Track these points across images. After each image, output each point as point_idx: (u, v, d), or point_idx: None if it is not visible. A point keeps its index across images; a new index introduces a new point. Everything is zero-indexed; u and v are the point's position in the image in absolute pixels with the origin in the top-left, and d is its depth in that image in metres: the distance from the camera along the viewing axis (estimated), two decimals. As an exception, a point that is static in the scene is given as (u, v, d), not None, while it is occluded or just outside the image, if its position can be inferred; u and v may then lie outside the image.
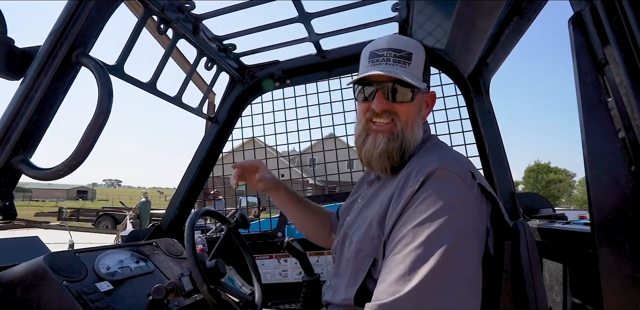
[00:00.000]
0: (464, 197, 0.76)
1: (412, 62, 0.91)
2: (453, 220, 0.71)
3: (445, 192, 0.75)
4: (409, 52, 0.91)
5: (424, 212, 0.73)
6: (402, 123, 0.91)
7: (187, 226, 1.07)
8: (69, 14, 0.98)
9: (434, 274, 0.67)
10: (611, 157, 0.69)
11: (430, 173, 0.77)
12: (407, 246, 0.70)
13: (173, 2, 1.30)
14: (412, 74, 0.91)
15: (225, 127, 1.89)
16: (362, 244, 0.85)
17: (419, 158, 0.88)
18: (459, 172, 0.78)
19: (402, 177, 0.84)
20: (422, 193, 0.76)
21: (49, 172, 1.00)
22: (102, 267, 1.29)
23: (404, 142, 0.90)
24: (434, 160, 0.81)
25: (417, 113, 0.94)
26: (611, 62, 0.71)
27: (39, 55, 0.99)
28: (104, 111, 0.98)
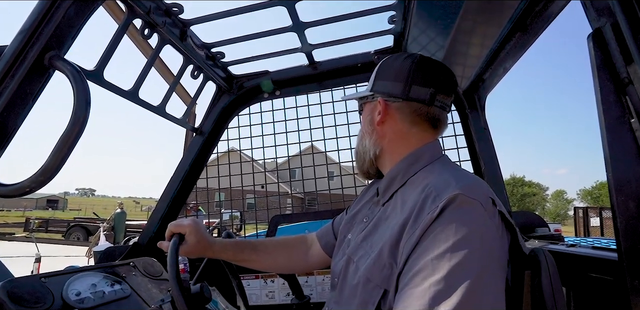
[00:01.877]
0: (486, 226, 0.70)
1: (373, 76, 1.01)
2: (476, 253, 0.65)
3: (466, 221, 0.69)
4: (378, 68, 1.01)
5: (445, 242, 0.66)
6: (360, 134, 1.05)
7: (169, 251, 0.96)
8: (42, 11, 0.89)
9: None
10: (638, 181, 0.65)
11: (450, 199, 0.71)
12: (426, 280, 0.64)
13: (160, 4, 1.21)
14: (367, 89, 1.02)
15: (210, 139, 1.79)
16: (371, 274, 0.78)
17: (435, 179, 0.81)
18: (480, 199, 0.72)
19: (417, 200, 0.77)
20: (442, 221, 0.69)
21: (13, 189, 0.89)
22: (71, 293, 1.16)
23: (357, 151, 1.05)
24: (452, 183, 0.75)
25: (364, 121, 1.02)
26: (635, 81, 0.67)
27: (5, 56, 0.88)
28: (80, 121, 0.88)
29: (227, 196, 2.22)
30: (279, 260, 1.18)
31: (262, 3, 1.30)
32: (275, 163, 2.23)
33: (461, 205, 0.70)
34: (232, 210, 2.39)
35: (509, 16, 1.14)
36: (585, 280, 1.06)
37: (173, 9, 1.24)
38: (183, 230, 1.06)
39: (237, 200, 2.23)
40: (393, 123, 0.96)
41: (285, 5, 1.30)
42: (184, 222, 1.08)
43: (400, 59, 0.97)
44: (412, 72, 0.93)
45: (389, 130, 0.96)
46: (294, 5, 1.31)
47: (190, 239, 1.05)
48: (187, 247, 1.05)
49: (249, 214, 2.52)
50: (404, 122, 0.96)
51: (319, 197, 2.31)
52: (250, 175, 2.12)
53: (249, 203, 2.59)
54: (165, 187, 1.78)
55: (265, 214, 2.03)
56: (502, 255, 0.72)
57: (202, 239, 1.07)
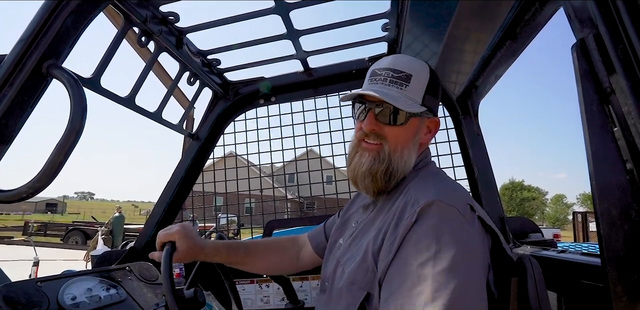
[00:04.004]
0: (464, 231, 0.71)
1: (410, 85, 0.87)
2: (457, 258, 0.66)
3: (444, 227, 0.70)
4: (408, 73, 0.87)
5: (426, 250, 0.68)
6: (391, 147, 0.88)
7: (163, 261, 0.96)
8: (40, 21, 0.91)
9: None
10: (620, 190, 0.66)
11: (427, 205, 0.72)
12: (414, 288, 0.65)
13: (156, 13, 1.23)
14: (408, 97, 0.87)
15: (206, 145, 1.81)
16: (354, 277, 0.80)
17: (416, 186, 0.83)
18: (457, 206, 0.73)
19: (398, 206, 0.79)
20: (420, 227, 0.71)
21: (9, 194, 0.90)
22: (67, 297, 1.17)
23: (391, 166, 0.87)
24: (431, 191, 0.77)
25: (410, 138, 0.90)
26: (617, 91, 0.68)
27: (4, 65, 0.90)
28: (76, 128, 0.90)
29: (224, 201, 2.23)
30: (271, 262, 1.17)
31: (257, 11, 1.32)
32: (271, 168, 2.25)
33: (438, 212, 0.72)
34: (228, 214, 2.40)
35: (499, 24, 1.16)
36: (575, 286, 1.07)
37: (169, 18, 1.26)
38: (173, 238, 1.02)
39: (234, 205, 2.24)
40: (428, 141, 0.97)
41: (280, 14, 1.33)
42: (172, 230, 1.04)
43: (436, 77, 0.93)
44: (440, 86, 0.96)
45: (422, 147, 0.96)
46: (288, 13, 1.33)
47: (181, 246, 1.02)
48: (179, 253, 1.02)
49: (246, 219, 2.53)
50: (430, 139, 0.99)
51: (317, 202, 2.32)
52: (248, 180, 2.13)
53: (247, 207, 2.60)
54: (161, 192, 1.79)
55: (263, 219, 2.05)
56: (482, 258, 0.73)
57: (193, 244, 1.04)
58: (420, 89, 0.89)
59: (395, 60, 0.90)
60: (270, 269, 1.22)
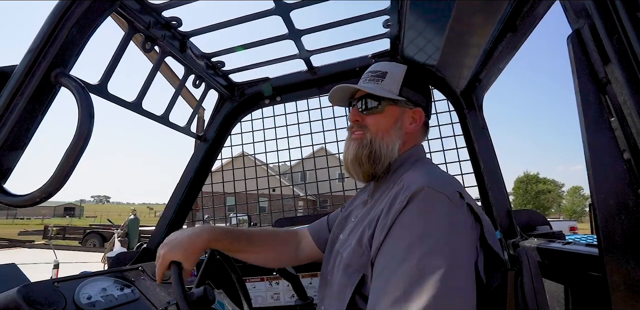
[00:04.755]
0: (452, 215, 0.74)
1: (386, 79, 1.02)
2: (443, 241, 0.70)
3: (432, 211, 0.74)
4: (384, 71, 1.03)
5: (414, 232, 0.72)
6: (372, 133, 0.99)
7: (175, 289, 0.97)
8: (47, 31, 0.94)
9: (432, 296, 0.65)
10: (617, 179, 0.66)
11: (417, 191, 0.76)
12: (400, 267, 0.69)
13: (159, 19, 1.26)
14: (384, 88, 1.01)
15: (214, 146, 1.84)
16: (350, 260, 0.85)
17: (408, 176, 0.87)
18: (446, 192, 0.77)
19: (392, 194, 0.84)
20: (409, 213, 0.75)
21: (23, 199, 0.94)
22: (82, 296, 1.21)
23: (373, 150, 0.96)
24: (422, 178, 0.81)
25: (390, 125, 1.00)
26: (613, 81, 0.68)
27: (15, 75, 0.94)
28: (84, 134, 0.93)
29: (235, 201, 2.26)
30: (271, 253, 1.17)
31: (258, 13, 1.34)
32: (278, 167, 2.27)
33: (427, 197, 0.75)
34: (240, 214, 2.43)
35: (499, 17, 1.15)
36: (581, 277, 1.07)
37: (172, 23, 1.29)
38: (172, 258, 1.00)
39: (244, 205, 2.27)
40: (416, 132, 1.04)
41: (280, 15, 1.34)
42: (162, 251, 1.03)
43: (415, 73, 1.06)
44: (426, 89, 1.06)
45: (411, 138, 1.03)
46: (288, 14, 1.34)
47: (186, 265, 1.01)
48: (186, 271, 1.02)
49: (256, 218, 2.56)
50: (421, 131, 1.07)
51: (330, 199, 2.33)
52: (258, 180, 2.16)
53: (260, 207, 2.63)
54: (171, 194, 1.82)
55: (272, 217, 2.07)
56: (471, 243, 0.75)
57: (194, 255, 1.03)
58: (395, 81, 1.01)
59: (375, 65, 1.08)
60: (269, 260, 1.20)
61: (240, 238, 1.13)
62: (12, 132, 0.94)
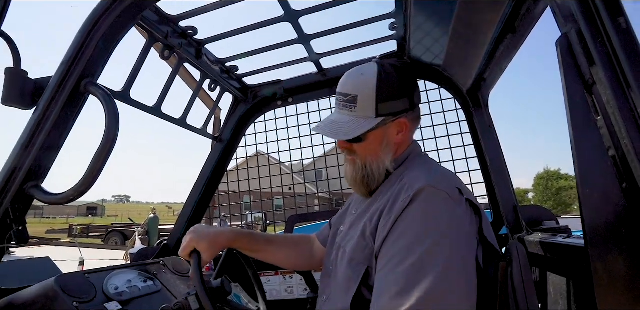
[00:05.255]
0: (452, 213, 0.79)
1: (358, 105, 0.95)
2: (444, 238, 0.74)
3: (434, 210, 0.79)
4: (354, 95, 0.95)
5: (416, 230, 0.76)
6: (362, 159, 0.99)
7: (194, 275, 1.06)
8: (78, 45, 1.03)
9: (429, 291, 0.69)
10: (602, 175, 0.71)
11: (419, 190, 0.80)
12: (401, 264, 0.73)
13: (176, 28, 1.35)
14: (359, 117, 0.96)
15: (229, 146, 1.92)
16: (354, 253, 0.89)
17: (410, 174, 0.91)
18: (447, 190, 0.81)
19: (394, 191, 0.88)
20: (412, 210, 0.79)
21: (60, 197, 1.04)
22: (110, 287, 1.31)
23: (366, 174, 0.98)
24: (423, 177, 0.85)
25: (377, 148, 0.98)
26: (598, 82, 0.73)
27: (50, 86, 1.04)
28: (111, 138, 1.02)
29: (250, 199, 2.35)
30: (287, 255, 1.25)
31: (269, 20, 1.41)
32: (291, 166, 2.34)
33: (429, 196, 0.80)
34: (255, 212, 2.52)
35: (498, 19, 1.20)
36: (582, 269, 1.10)
37: (188, 32, 1.37)
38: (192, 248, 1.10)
39: (260, 203, 2.36)
40: (406, 136, 1.02)
41: (289, 21, 1.41)
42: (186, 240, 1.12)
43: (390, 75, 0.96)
44: (406, 83, 0.99)
45: (402, 144, 1.02)
46: (297, 20, 1.41)
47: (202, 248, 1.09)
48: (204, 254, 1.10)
49: (271, 216, 2.64)
50: (411, 132, 1.04)
51: (344, 197, 2.39)
52: (274, 178, 2.24)
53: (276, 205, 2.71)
54: (190, 192, 1.92)
55: (285, 214, 2.15)
56: (470, 237, 0.80)
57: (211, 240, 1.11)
58: (369, 104, 0.94)
59: (344, 82, 1.00)
60: (284, 261, 1.27)
61: (259, 239, 1.22)
62: (48, 137, 1.04)
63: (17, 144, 1.04)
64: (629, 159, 0.68)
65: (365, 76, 0.96)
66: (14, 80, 1.04)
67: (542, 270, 1.39)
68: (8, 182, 1.03)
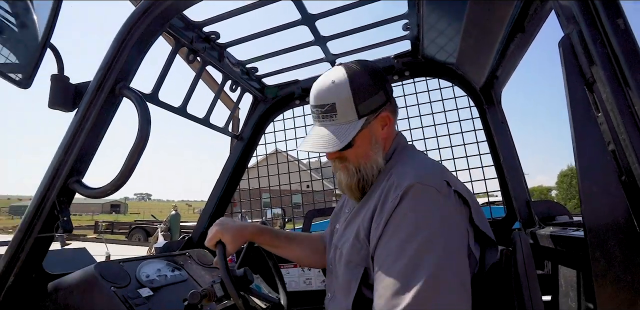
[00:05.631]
0: (442, 207, 0.81)
1: (339, 112, 0.94)
2: (436, 233, 0.77)
3: (423, 206, 0.80)
4: (331, 103, 0.94)
5: (407, 228, 0.78)
6: (354, 164, 0.98)
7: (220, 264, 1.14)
8: (113, 52, 1.13)
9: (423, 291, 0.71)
10: (602, 168, 0.75)
11: (407, 188, 0.81)
12: (397, 261, 0.75)
13: (200, 34, 1.44)
14: (342, 123, 0.95)
15: (250, 144, 2.01)
16: (350, 256, 0.90)
17: (397, 171, 0.92)
18: (434, 185, 0.83)
19: (383, 189, 0.89)
20: (402, 209, 0.80)
21: (98, 191, 1.14)
22: (142, 275, 1.41)
23: (361, 177, 0.98)
24: (410, 174, 0.86)
25: (367, 148, 0.98)
26: (598, 81, 0.77)
27: (89, 90, 1.14)
28: (144, 137, 1.11)
29: (269, 196, 2.44)
30: (304, 253, 1.28)
31: (287, 24, 1.48)
32: (309, 163, 2.42)
33: (417, 193, 0.81)
34: (275, 208, 2.60)
35: (507, 19, 1.24)
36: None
37: (211, 36, 1.46)
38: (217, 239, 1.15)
39: (278, 199, 2.44)
40: (390, 129, 1.02)
41: (307, 24, 1.48)
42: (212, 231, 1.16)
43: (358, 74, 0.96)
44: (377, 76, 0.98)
45: (388, 138, 1.02)
46: (313, 23, 1.48)
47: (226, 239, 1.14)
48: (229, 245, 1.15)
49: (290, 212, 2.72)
50: (394, 124, 1.04)
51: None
52: (292, 175, 2.32)
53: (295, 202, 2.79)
54: (212, 189, 2.02)
55: (303, 209, 2.23)
56: (461, 228, 0.82)
57: (236, 231, 1.16)
58: (349, 108, 0.93)
59: (316, 94, 0.97)
60: (302, 257, 1.31)
61: (280, 236, 1.28)
62: (88, 136, 1.14)
63: (61, 144, 1.14)
64: (627, 153, 0.72)
65: (336, 82, 0.94)
66: (58, 86, 1.14)
67: (553, 263, 1.42)
68: (54, 177, 1.14)
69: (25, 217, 1.16)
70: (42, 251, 1.21)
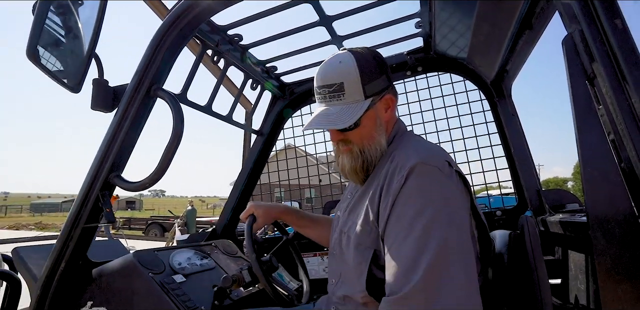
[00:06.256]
0: (445, 186, 0.86)
1: (346, 90, 0.96)
2: (442, 209, 0.82)
3: (428, 185, 0.85)
4: (339, 83, 0.96)
5: (413, 207, 0.83)
6: (358, 146, 1.00)
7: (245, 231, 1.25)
8: (148, 57, 1.23)
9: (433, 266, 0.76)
10: (602, 156, 0.82)
11: (411, 168, 0.86)
12: (408, 237, 0.80)
13: (225, 37, 1.53)
14: (350, 102, 0.97)
15: (269, 139, 2.11)
16: (360, 238, 0.94)
17: (400, 153, 0.95)
18: (437, 165, 0.87)
19: (387, 171, 0.92)
20: (407, 188, 0.85)
21: (137, 185, 1.24)
22: (175, 262, 1.53)
23: (366, 159, 1.00)
24: (413, 155, 0.89)
25: (372, 129, 1.00)
26: (598, 76, 0.84)
27: (127, 92, 1.24)
28: (179, 134, 1.21)
29: (288, 189, 2.54)
30: (326, 233, 1.34)
31: (306, 25, 1.56)
32: (327, 156, 2.50)
33: (421, 172, 0.85)
34: (287, 201, 2.70)
35: (516, 16, 1.30)
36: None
37: (235, 38, 1.55)
38: (250, 212, 1.30)
39: (296, 192, 2.54)
40: (392, 112, 1.05)
41: (324, 25, 1.56)
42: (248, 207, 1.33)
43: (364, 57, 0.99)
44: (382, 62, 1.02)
45: (390, 121, 1.06)
46: (331, 24, 1.56)
47: (258, 213, 1.29)
48: (259, 219, 1.29)
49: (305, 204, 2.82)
50: (395, 108, 1.07)
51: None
52: (307, 168, 2.41)
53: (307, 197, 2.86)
54: (234, 182, 2.13)
55: (322, 201, 2.33)
56: (463, 206, 0.87)
57: (267, 208, 1.31)
58: (356, 88, 0.96)
59: (323, 74, 0.99)
60: (323, 237, 1.38)
61: (305, 217, 1.40)
62: (127, 134, 1.24)
63: (102, 142, 1.25)
64: (625, 142, 0.79)
65: (344, 63, 0.97)
66: (99, 89, 1.24)
67: (563, 249, 1.49)
68: (97, 173, 1.25)
69: (72, 209, 1.28)
70: (88, 240, 1.32)
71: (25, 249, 1.49)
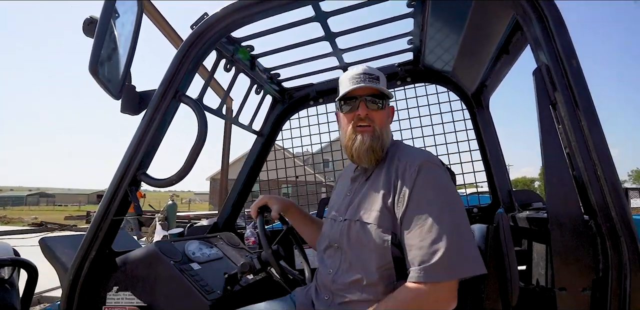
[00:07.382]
0: (448, 180, 1.10)
1: (380, 82, 1.21)
2: (450, 197, 1.05)
3: (437, 178, 1.07)
4: (377, 75, 1.22)
5: (429, 195, 1.04)
6: (379, 126, 1.19)
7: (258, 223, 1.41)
8: (175, 66, 1.37)
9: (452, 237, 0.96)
10: (560, 166, 1.04)
11: (420, 165, 1.07)
12: (426, 221, 1.00)
13: (238, 47, 1.68)
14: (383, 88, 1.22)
15: (269, 140, 2.27)
16: (380, 221, 1.08)
17: (402, 155, 1.16)
18: (437, 162, 1.11)
19: (397, 168, 1.12)
20: (420, 181, 1.06)
21: (165, 181, 1.39)
22: (189, 252, 1.68)
23: (382, 141, 1.18)
24: (418, 155, 1.12)
25: (387, 120, 1.24)
26: (559, 103, 1.06)
27: (155, 97, 1.38)
28: (203, 135, 1.36)
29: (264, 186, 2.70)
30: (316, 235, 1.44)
31: (312, 39, 1.73)
32: (331, 156, 2.68)
33: (429, 168, 1.08)
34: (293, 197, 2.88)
35: (497, 43, 1.51)
36: None
37: (247, 49, 1.70)
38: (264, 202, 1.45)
39: (275, 190, 2.71)
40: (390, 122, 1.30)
41: (328, 40, 1.74)
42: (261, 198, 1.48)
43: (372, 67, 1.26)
44: None
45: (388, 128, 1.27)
46: (334, 40, 1.74)
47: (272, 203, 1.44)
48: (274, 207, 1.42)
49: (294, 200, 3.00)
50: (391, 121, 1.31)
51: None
52: (292, 169, 2.58)
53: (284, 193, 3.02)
54: (235, 180, 2.28)
55: (314, 200, 2.51)
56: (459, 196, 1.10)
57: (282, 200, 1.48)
58: (384, 85, 1.24)
59: (364, 68, 1.23)
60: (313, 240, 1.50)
61: (306, 215, 1.56)
62: (153, 136, 1.38)
63: (131, 142, 1.39)
64: (576, 155, 1.02)
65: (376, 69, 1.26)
66: (127, 94, 1.38)
67: (528, 240, 1.73)
68: (126, 170, 1.39)
69: (102, 203, 1.42)
70: (115, 231, 1.46)
71: (51, 240, 1.61)
